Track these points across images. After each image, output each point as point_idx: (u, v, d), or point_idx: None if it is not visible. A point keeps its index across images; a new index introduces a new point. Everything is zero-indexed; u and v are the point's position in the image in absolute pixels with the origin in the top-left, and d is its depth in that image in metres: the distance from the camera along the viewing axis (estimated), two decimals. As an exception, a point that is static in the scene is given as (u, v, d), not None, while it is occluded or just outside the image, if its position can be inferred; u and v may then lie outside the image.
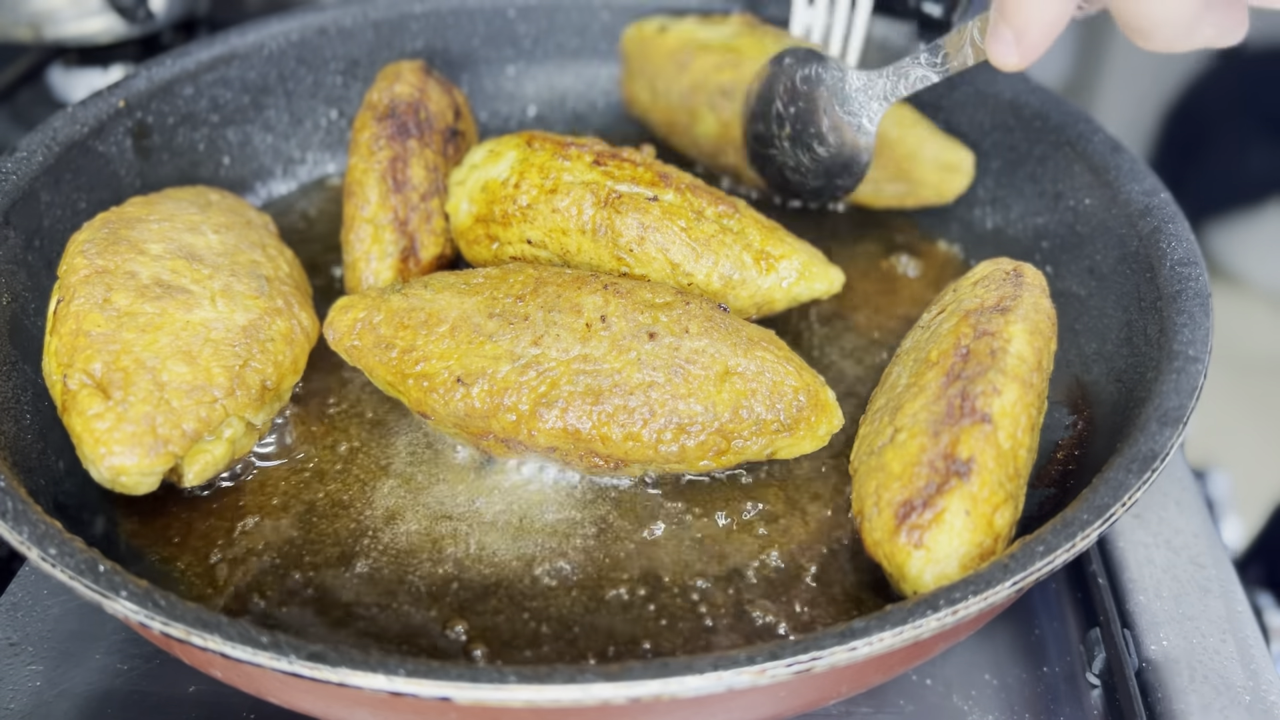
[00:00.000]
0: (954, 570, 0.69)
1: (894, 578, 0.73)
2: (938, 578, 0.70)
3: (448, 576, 0.78)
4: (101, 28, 1.48)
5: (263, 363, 0.84)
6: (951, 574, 0.69)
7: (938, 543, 0.70)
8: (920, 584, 0.70)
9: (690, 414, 0.79)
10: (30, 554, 0.64)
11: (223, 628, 0.58)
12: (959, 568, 0.70)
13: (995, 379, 0.75)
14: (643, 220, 0.90)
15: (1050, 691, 0.81)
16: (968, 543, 0.70)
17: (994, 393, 0.74)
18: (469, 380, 0.81)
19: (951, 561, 0.70)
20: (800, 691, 0.66)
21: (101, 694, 0.79)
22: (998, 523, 0.71)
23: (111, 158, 1.03)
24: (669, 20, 1.22)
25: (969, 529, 0.70)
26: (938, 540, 0.70)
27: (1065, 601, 0.88)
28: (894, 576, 0.73)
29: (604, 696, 0.56)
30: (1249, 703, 0.77)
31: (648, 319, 0.82)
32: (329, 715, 0.67)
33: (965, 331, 0.81)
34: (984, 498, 0.71)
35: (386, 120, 1.03)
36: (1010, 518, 0.73)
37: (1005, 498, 0.72)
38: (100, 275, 0.84)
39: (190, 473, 0.81)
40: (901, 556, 0.71)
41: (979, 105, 1.12)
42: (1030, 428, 0.76)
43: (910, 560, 0.70)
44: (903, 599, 0.67)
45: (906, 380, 0.82)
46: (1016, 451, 0.74)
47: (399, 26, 1.24)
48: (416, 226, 0.99)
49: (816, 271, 0.94)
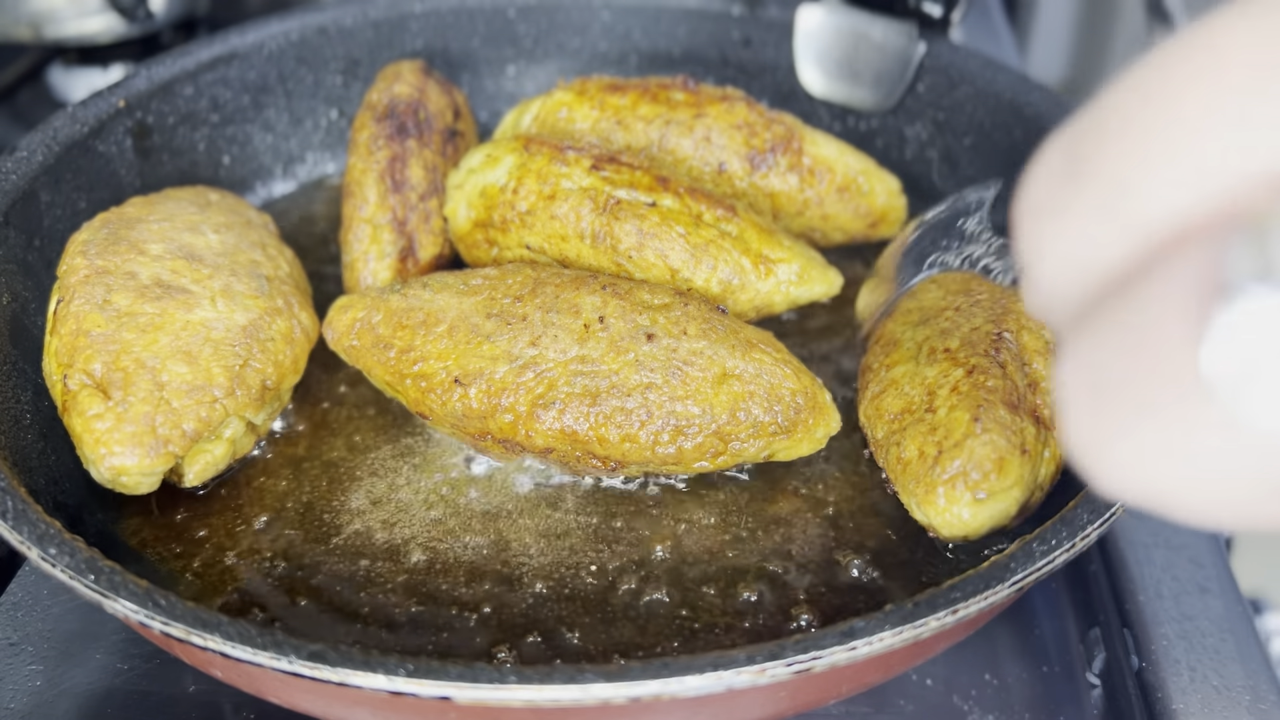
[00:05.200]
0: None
1: (953, 525, 0.76)
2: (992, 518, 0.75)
3: (448, 576, 0.78)
4: (101, 27, 1.48)
5: (263, 362, 0.84)
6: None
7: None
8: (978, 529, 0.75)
9: (688, 416, 0.79)
10: (30, 554, 0.64)
11: (223, 628, 0.58)
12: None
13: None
14: (641, 226, 0.90)
15: (1050, 691, 0.81)
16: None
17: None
18: (467, 381, 0.81)
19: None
20: (800, 691, 0.66)
21: (101, 694, 0.79)
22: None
23: (111, 158, 1.03)
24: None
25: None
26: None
27: (1065, 601, 0.88)
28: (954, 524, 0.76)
29: (604, 696, 0.56)
30: (1249, 703, 0.77)
31: (646, 320, 0.82)
32: (329, 715, 0.67)
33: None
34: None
35: (385, 120, 1.03)
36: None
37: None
38: (100, 275, 0.84)
39: (190, 473, 0.81)
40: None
41: (979, 105, 1.12)
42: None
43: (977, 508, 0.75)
44: (899, 598, 0.67)
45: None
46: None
47: (399, 26, 1.24)
48: (415, 226, 0.99)
49: (815, 274, 0.94)
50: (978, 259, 0.76)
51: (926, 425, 0.79)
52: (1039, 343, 0.83)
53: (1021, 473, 0.75)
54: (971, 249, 0.79)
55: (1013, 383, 0.80)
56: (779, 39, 1.24)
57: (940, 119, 1.16)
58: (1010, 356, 0.82)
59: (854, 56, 1.20)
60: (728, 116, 1.03)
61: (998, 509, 0.75)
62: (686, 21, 1.27)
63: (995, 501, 0.75)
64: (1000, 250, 0.76)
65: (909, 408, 0.81)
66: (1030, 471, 0.76)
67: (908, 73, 1.16)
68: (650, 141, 1.03)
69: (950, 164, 1.16)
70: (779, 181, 1.03)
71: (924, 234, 0.84)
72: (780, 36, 1.24)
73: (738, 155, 1.02)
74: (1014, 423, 0.77)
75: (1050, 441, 0.79)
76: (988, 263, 0.76)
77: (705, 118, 1.03)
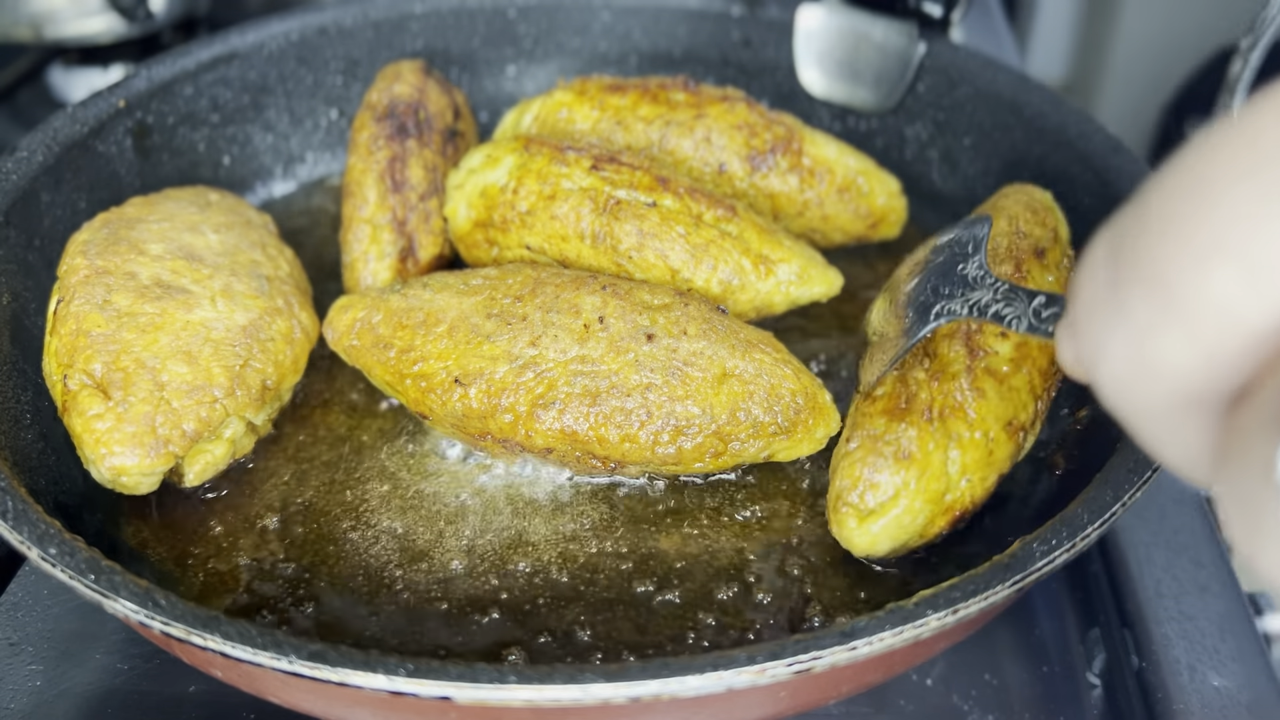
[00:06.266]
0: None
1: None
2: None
3: (447, 576, 0.78)
4: (101, 28, 1.48)
5: (263, 362, 0.84)
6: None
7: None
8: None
9: (688, 416, 0.79)
10: (30, 554, 0.64)
11: (223, 627, 0.58)
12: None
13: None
14: (641, 227, 0.90)
15: (1050, 691, 0.81)
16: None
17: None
18: (467, 381, 0.81)
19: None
20: (800, 691, 0.66)
21: (101, 694, 0.79)
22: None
23: (111, 158, 1.03)
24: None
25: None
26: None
27: (1065, 601, 0.88)
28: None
29: (604, 696, 0.56)
30: (1249, 703, 0.77)
31: (646, 320, 0.82)
32: (329, 715, 0.67)
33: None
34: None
35: (385, 120, 1.03)
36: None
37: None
38: (100, 275, 0.84)
39: (191, 473, 0.81)
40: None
41: (979, 105, 1.12)
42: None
43: None
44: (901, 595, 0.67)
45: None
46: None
47: (399, 26, 1.24)
48: (415, 226, 0.99)
49: (815, 274, 0.94)
50: (986, 305, 0.71)
51: (836, 448, 0.80)
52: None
53: (906, 480, 0.73)
54: (977, 295, 0.73)
55: (904, 384, 0.78)
56: (779, 39, 1.24)
57: (940, 119, 1.16)
58: (914, 355, 0.80)
59: (854, 57, 1.20)
60: (728, 117, 1.03)
61: (892, 524, 0.74)
62: (686, 21, 1.27)
63: (882, 516, 0.74)
64: (1008, 295, 0.70)
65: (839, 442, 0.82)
66: (921, 476, 0.74)
67: (908, 73, 1.16)
68: (650, 142, 1.03)
69: (950, 164, 1.16)
70: (779, 182, 1.03)
71: (921, 282, 0.79)
72: (780, 36, 1.24)
73: (738, 156, 1.02)
74: (889, 430, 0.75)
75: (956, 431, 0.75)
76: (998, 309, 0.70)
77: (705, 118, 1.03)
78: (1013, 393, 0.78)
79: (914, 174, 1.18)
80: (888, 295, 0.85)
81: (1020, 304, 0.69)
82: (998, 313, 0.69)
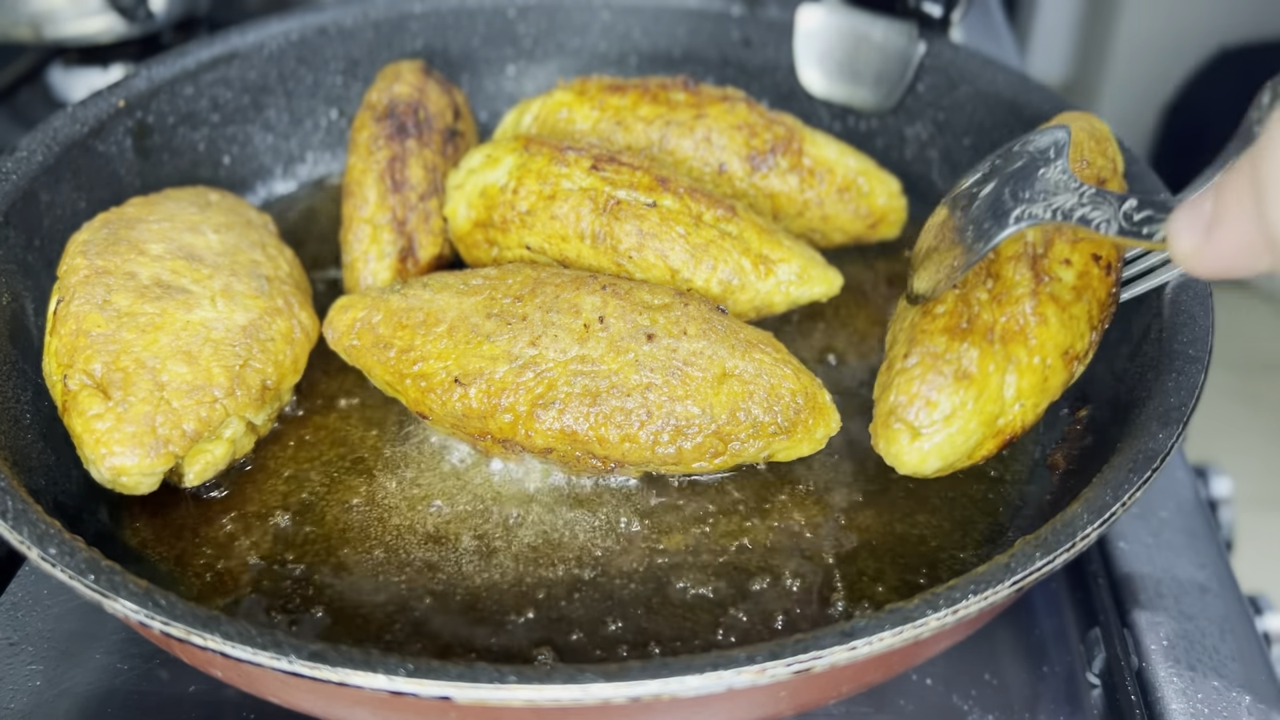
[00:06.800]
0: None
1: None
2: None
3: (447, 576, 0.78)
4: (101, 28, 1.48)
5: (263, 362, 0.84)
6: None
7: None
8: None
9: (687, 416, 0.79)
10: (30, 554, 0.64)
11: (222, 627, 0.58)
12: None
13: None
14: (641, 227, 0.90)
15: (1050, 691, 0.81)
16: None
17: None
18: (466, 381, 0.81)
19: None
20: (800, 691, 0.66)
21: (101, 694, 0.79)
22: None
23: (111, 158, 1.03)
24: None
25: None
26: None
27: (1065, 601, 0.88)
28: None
29: (604, 696, 0.56)
30: (1249, 703, 0.77)
31: (646, 320, 0.82)
32: (329, 715, 0.67)
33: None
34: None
35: (385, 120, 1.03)
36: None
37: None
38: (100, 275, 0.84)
39: (191, 473, 0.81)
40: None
41: (979, 105, 1.12)
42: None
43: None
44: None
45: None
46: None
47: (399, 26, 1.24)
48: (415, 226, 0.99)
49: (815, 274, 0.95)
50: (1070, 210, 0.69)
51: (885, 364, 0.78)
52: (1066, 249, 0.78)
53: (964, 400, 0.72)
54: (1061, 199, 0.71)
55: (966, 303, 0.77)
56: (779, 39, 1.24)
57: (940, 119, 1.16)
58: (975, 273, 0.78)
59: (854, 57, 1.20)
60: (728, 117, 1.03)
61: (945, 443, 0.73)
62: (686, 21, 1.27)
63: (933, 435, 0.73)
64: (1095, 199, 0.68)
65: (886, 351, 0.80)
66: (979, 397, 0.73)
67: (908, 73, 1.16)
68: (650, 142, 1.03)
69: (950, 164, 1.16)
70: (779, 182, 1.03)
71: (997, 188, 0.76)
72: (780, 36, 1.24)
73: (738, 156, 1.02)
74: (949, 349, 0.74)
75: (1015, 355, 0.75)
76: (1084, 213, 0.68)
77: (705, 118, 1.03)
78: (1073, 321, 0.77)
79: (914, 174, 1.18)
80: (949, 206, 0.82)
81: (1108, 207, 0.68)
82: (1084, 216, 0.68)
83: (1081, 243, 0.80)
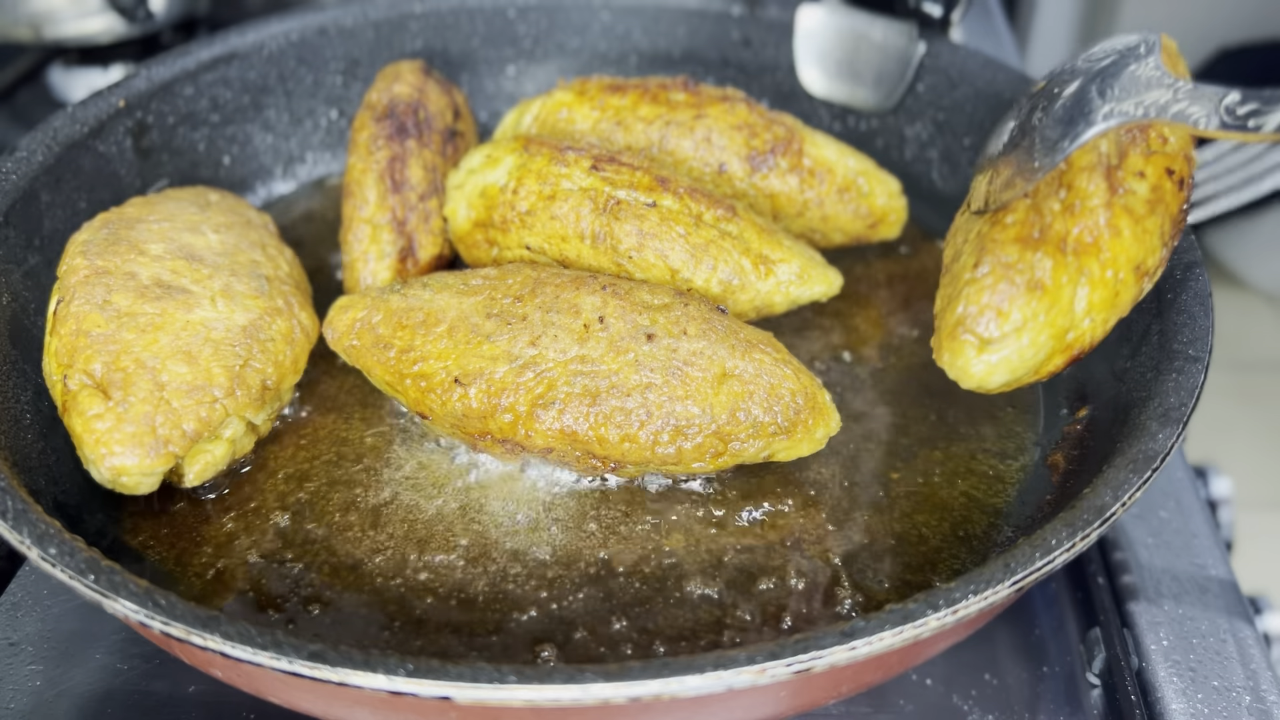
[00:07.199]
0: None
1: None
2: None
3: (447, 575, 0.78)
4: (101, 28, 1.49)
5: (263, 362, 0.84)
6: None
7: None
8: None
9: (687, 416, 0.79)
10: (30, 554, 0.64)
11: (222, 627, 0.58)
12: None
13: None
14: (641, 227, 0.90)
15: (1050, 691, 0.81)
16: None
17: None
18: (466, 381, 0.81)
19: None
20: (800, 691, 0.66)
21: (101, 694, 0.79)
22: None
23: (111, 158, 1.03)
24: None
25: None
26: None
27: (1065, 601, 0.88)
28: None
29: (604, 696, 0.56)
30: (1249, 703, 0.77)
31: (646, 320, 0.82)
32: (329, 715, 0.67)
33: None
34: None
35: (385, 120, 1.03)
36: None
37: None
38: (100, 276, 0.84)
39: (191, 473, 0.81)
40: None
41: (979, 105, 1.12)
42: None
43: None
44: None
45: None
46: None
47: (399, 26, 1.24)
48: (415, 227, 0.99)
49: (815, 274, 0.95)
50: (1165, 105, 0.66)
51: (949, 277, 0.75)
52: (1141, 161, 0.75)
53: (1035, 311, 0.70)
54: (1154, 95, 0.68)
55: (1038, 213, 0.74)
56: (779, 39, 1.24)
57: (940, 119, 1.16)
58: (1048, 178, 0.75)
59: (854, 57, 1.20)
60: (728, 117, 1.03)
61: (1014, 355, 0.71)
62: (686, 21, 1.27)
63: (1002, 347, 0.71)
64: (1191, 94, 0.65)
65: (947, 264, 0.77)
66: (1050, 309, 0.71)
67: (908, 73, 1.16)
68: (650, 142, 1.03)
69: (950, 164, 1.16)
70: (779, 182, 1.03)
71: (1082, 87, 0.73)
72: (780, 36, 1.24)
73: (738, 156, 1.02)
74: (1021, 259, 0.71)
75: (1088, 268, 0.72)
76: (1181, 109, 0.65)
77: (705, 118, 1.03)
78: (1146, 235, 0.75)
79: (914, 174, 1.18)
80: (1026, 104, 0.80)
81: (1207, 102, 0.65)
82: (1181, 111, 0.65)
83: (1155, 156, 0.77)
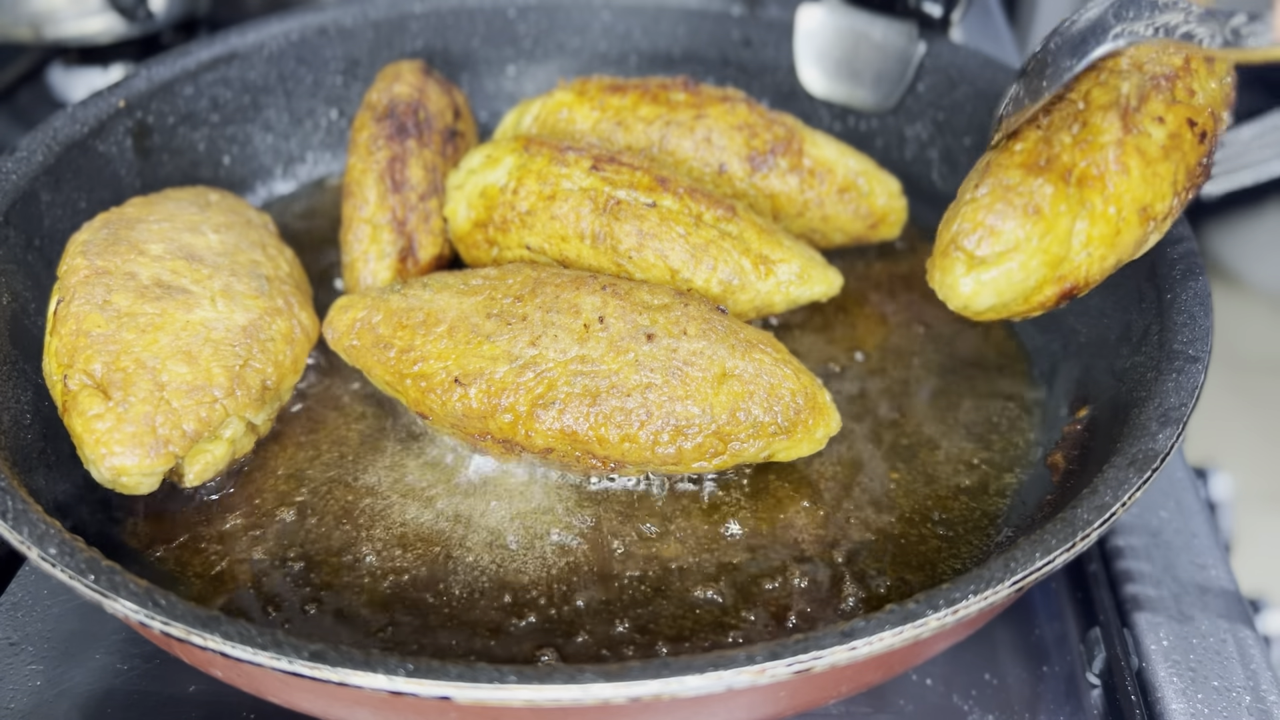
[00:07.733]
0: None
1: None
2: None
3: (448, 575, 0.78)
4: (101, 28, 1.49)
5: (263, 362, 0.84)
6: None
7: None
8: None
9: (687, 416, 0.79)
10: (30, 554, 0.64)
11: (223, 627, 0.58)
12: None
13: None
14: (641, 227, 0.90)
15: (1050, 691, 0.81)
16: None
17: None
18: (466, 381, 0.81)
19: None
20: (800, 691, 0.66)
21: (101, 694, 0.79)
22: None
23: (111, 158, 1.03)
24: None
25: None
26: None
27: (1065, 601, 0.88)
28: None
29: (604, 696, 0.56)
30: (1249, 703, 0.77)
31: (646, 320, 0.82)
32: (329, 715, 0.67)
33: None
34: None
35: (385, 120, 1.03)
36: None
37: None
38: (100, 276, 0.84)
39: (191, 473, 0.81)
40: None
41: (979, 105, 1.12)
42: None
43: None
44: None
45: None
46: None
47: (399, 26, 1.24)
48: (415, 227, 0.99)
49: (815, 274, 0.95)
50: (1174, 27, 0.68)
51: (952, 204, 0.75)
52: (1160, 106, 0.75)
53: (1029, 235, 0.70)
54: (1166, 18, 0.69)
55: (1047, 144, 0.74)
56: (779, 39, 1.24)
57: (940, 119, 1.16)
58: (1064, 113, 0.75)
59: (854, 56, 1.20)
60: (728, 117, 1.03)
61: (1002, 277, 0.71)
62: (686, 21, 1.27)
63: (994, 267, 0.70)
64: (1202, 17, 0.67)
65: (958, 197, 0.77)
66: (1044, 235, 0.70)
67: (908, 73, 1.16)
68: (650, 142, 1.03)
69: (950, 164, 1.16)
70: (779, 183, 1.03)
71: (1102, 12, 0.73)
72: (780, 36, 1.24)
73: (738, 156, 1.02)
74: (1023, 183, 0.71)
75: (1090, 201, 0.72)
76: (1189, 29, 0.67)
77: (706, 118, 1.03)
78: (1156, 179, 0.74)
79: (914, 174, 1.18)
80: (1049, 40, 0.79)
81: (1215, 25, 0.67)
82: (1189, 32, 0.67)
83: (1179, 105, 0.77)
